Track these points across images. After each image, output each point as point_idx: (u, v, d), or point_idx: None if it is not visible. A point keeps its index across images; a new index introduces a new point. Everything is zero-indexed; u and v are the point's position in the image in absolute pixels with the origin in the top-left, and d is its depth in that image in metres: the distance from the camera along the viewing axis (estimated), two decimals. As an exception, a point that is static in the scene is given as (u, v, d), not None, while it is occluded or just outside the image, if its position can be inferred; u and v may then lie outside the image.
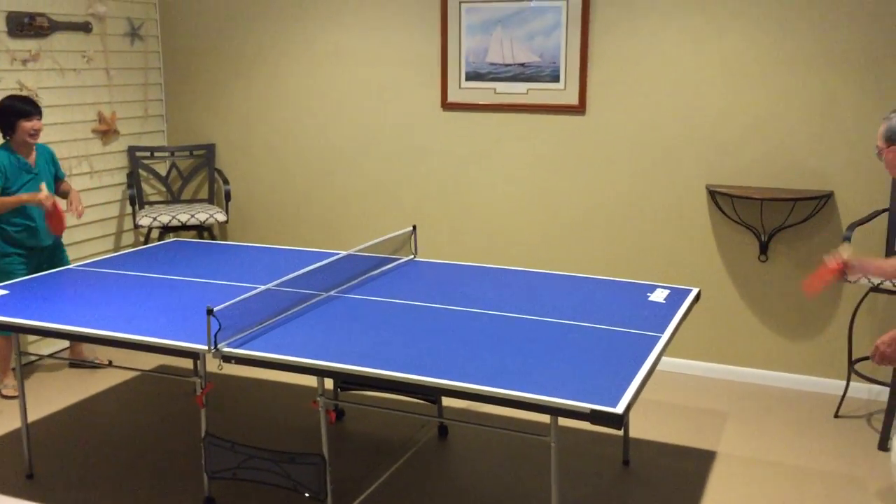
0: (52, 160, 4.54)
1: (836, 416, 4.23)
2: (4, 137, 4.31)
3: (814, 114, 4.32)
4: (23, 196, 4.25)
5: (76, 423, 4.20)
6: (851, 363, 4.25)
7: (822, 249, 4.39)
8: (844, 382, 4.32)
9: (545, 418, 2.61)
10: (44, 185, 4.28)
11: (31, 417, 4.16)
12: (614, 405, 2.42)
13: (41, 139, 4.51)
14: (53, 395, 4.51)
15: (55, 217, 4.31)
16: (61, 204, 4.39)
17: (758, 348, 4.64)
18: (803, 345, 4.56)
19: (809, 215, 4.35)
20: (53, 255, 4.52)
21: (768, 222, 4.46)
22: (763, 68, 4.38)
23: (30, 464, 3.64)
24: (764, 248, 4.49)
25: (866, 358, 4.31)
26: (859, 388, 4.43)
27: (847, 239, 4.06)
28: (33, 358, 4.87)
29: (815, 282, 3.06)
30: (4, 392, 4.43)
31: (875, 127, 4.19)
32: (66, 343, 5.05)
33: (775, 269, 4.53)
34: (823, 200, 4.31)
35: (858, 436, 4.02)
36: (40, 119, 4.34)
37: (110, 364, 4.79)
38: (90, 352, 4.91)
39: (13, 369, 4.44)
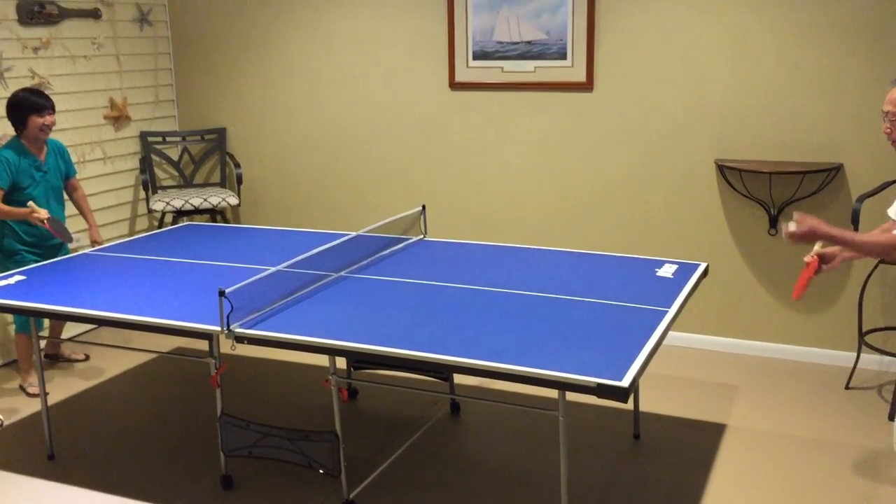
0: (63, 156, 4.37)
1: (846, 387, 4.24)
2: (16, 132, 4.16)
3: (822, 86, 4.31)
4: (20, 211, 4.05)
5: (95, 405, 4.28)
6: (862, 335, 4.26)
7: (832, 222, 4.35)
8: (855, 354, 4.33)
9: (556, 393, 2.65)
10: (32, 203, 4.06)
11: (52, 400, 4.24)
12: (620, 379, 2.45)
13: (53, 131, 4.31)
14: (73, 378, 4.59)
15: (58, 231, 4.12)
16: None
17: (768, 321, 4.65)
18: (813, 317, 4.58)
19: (819, 188, 4.35)
20: (60, 248, 4.38)
21: (777, 196, 4.46)
22: (770, 41, 4.36)
23: (50, 445, 3.71)
24: (773, 222, 4.49)
25: (877, 329, 4.33)
26: (870, 360, 4.43)
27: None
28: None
29: (801, 285, 2.94)
30: (29, 390, 4.36)
31: (884, 98, 4.17)
32: (85, 326, 5.12)
33: (784, 243, 4.53)
34: (833, 173, 4.31)
35: (869, 407, 4.03)
36: (53, 113, 4.16)
37: (87, 358, 4.82)
38: (67, 348, 4.86)
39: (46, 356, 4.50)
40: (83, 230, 4.72)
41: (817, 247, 3.00)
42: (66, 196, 4.51)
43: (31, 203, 4.10)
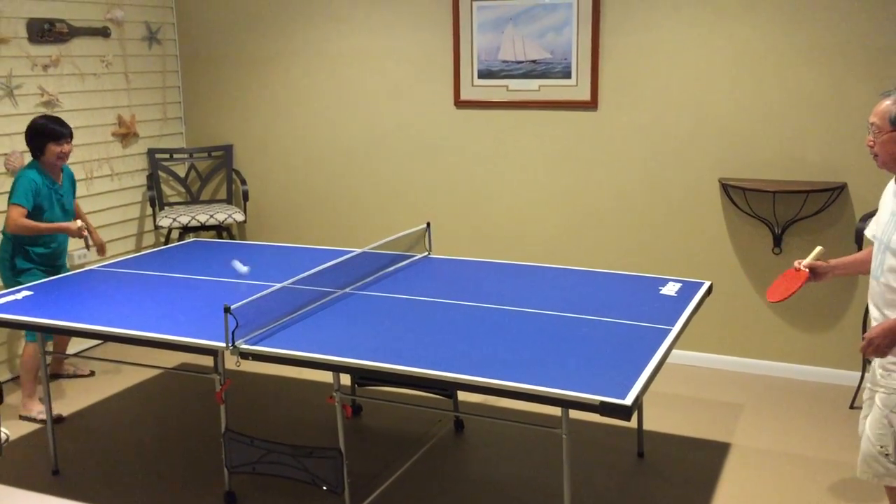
0: (73, 182, 4.45)
1: (851, 407, 4.23)
2: (34, 157, 4.24)
3: (825, 105, 4.33)
4: (56, 225, 4.18)
5: (100, 420, 4.29)
6: (866, 354, 4.25)
7: (835, 241, 4.39)
8: (859, 373, 4.32)
9: (559, 411, 2.65)
10: (78, 221, 4.29)
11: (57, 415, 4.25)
12: (623, 397, 2.46)
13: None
14: (77, 393, 4.60)
15: (95, 241, 4.43)
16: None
17: (772, 340, 4.65)
18: (818, 336, 4.57)
19: (822, 207, 4.36)
20: (62, 268, 4.42)
21: (781, 215, 4.47)
22: (774, 61, 4.39)
23: (55, 460, 3.72)
24: (777, 241, 4.50)
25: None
26: (875, 379, 4.42)
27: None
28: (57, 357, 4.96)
29: (786, 293, 2.94)
30: (39, 417, 4.18)
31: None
32: (91, 342, 5.14)
33: (789, 262, 4.49)
34: (836, 192, 4.32)
35: (873, 426, 4.02)
36: (70, 142, 4.24)
37: (92, 374, 4.85)
38: (72, 364, 4.89)
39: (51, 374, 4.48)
40: (81, 248, 4.80)
41: (810, 258, 3.03)
42: None
43: (77, 220, 4.30)
